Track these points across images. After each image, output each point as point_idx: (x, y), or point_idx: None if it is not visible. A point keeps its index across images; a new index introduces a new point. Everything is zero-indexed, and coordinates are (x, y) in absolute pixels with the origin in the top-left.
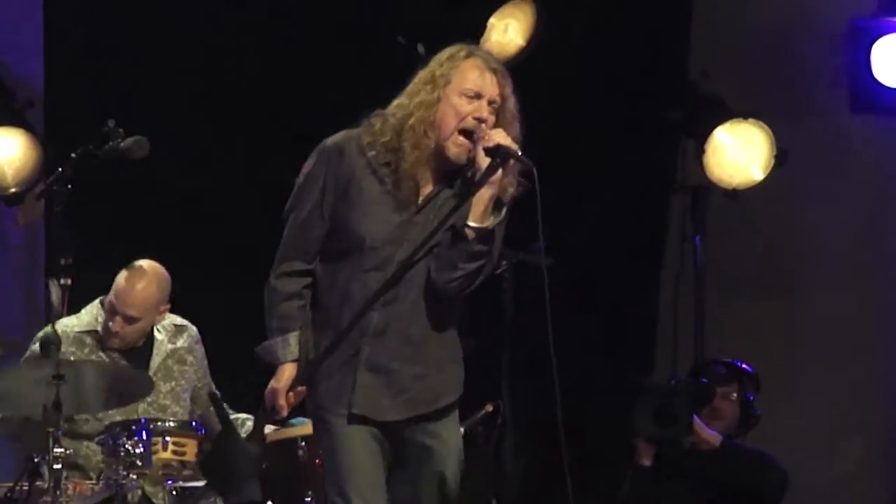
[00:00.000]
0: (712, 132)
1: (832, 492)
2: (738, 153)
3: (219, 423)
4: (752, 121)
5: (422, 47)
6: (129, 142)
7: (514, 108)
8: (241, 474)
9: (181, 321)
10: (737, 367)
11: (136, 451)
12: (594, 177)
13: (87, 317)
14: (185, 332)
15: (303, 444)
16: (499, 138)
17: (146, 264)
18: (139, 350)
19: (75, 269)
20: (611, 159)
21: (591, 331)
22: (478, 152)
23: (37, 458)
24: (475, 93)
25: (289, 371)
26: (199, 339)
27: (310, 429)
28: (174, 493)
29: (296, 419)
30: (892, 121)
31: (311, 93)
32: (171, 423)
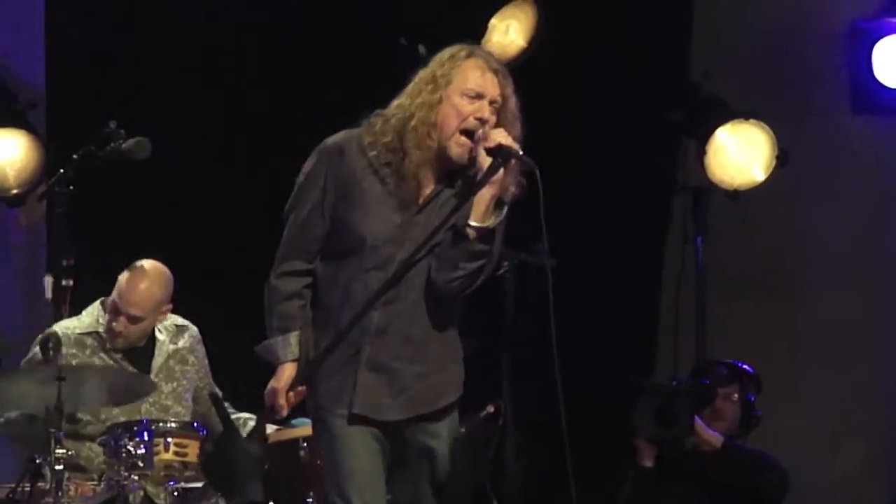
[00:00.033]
0: (713, 133)
1: (833, 492)
2: (740, 154)
3: (220, 424)
4: (754, 121)
5: (423, 48)
6: (131, 143)
7: (515, 108)
8: (244, 475)
9: (182, 321)
10: (738, 367)
11: (137, 451)
12: (595, 178)
13: (88, 318)
14: (186, 333)
15: (304, 444)
16: (500, 138)
17: (148, 264)
18: (141, 351)
19: (77, 270)
20: (612, 160)
21: (592, 331)
22: (479, 152)
23: (38, 459)
24: (476, 93)
25: (289, 370)
26: (199, 339)
27: (311, 429)
28: (176, 493)
29: (297, 419)
30: (894, 121)
31: (311, 93)
32: (173, 424)
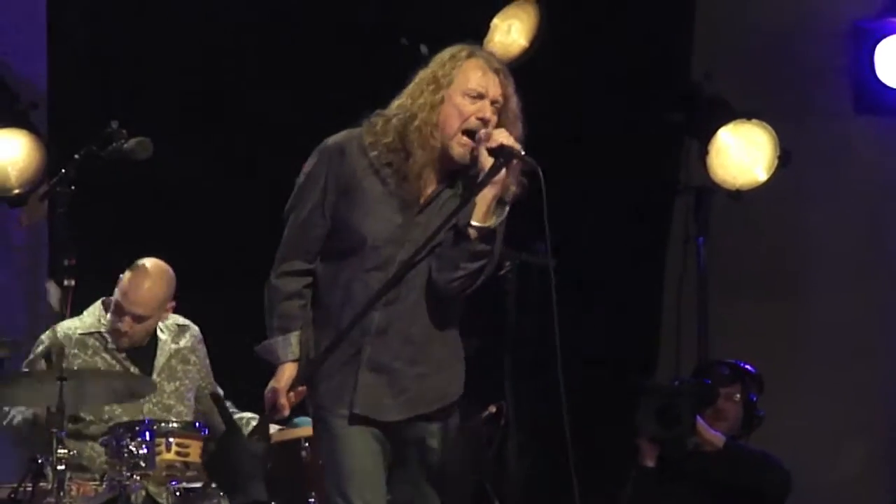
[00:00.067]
0: (716, 133)
1: (835, 493)
2: (742, 154)
3: (222, 423)
4: (756, 121)
5: (425, 48)
6: (133, 143)
7: (516, 108)
8: (247, 474)
9: (183, 321)
10: (740, 367)
11: (139, 452)
12: (597, 178)
13: (90, 318)
14: (188, 332)
15: (306, 444)
16: (502, 138)
17: (150, 262)
18: (143, 350)
19: (78, 270)
20: (614, 160)
21: (594, 331)
22: (481, 152)
23: (40, 459)
24: (478, 93)
25: (289, 370)
26: (201, 339)
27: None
28: (177, 493)
29: (299, 418)
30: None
31: (311, 93)
32: (175, 424)
